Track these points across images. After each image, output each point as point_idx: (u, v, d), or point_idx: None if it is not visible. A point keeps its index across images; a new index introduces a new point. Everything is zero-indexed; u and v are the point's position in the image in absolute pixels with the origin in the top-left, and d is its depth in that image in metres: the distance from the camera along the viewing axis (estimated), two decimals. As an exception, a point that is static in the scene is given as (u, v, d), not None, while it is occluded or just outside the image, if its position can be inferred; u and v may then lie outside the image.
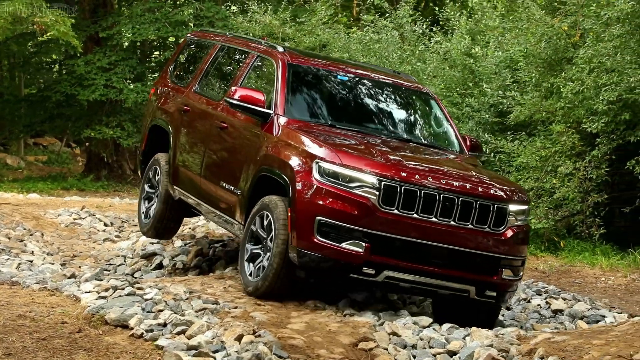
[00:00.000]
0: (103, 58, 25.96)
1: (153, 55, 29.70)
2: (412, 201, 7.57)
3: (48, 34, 23.10)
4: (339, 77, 9.17)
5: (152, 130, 10.61)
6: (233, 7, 18.78)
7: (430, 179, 7.66)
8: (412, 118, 9.45)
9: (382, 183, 7.51)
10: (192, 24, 26.39)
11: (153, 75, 27.18)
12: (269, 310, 7.86)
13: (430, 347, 7.44)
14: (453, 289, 7.86)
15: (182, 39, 11.48)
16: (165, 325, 7.21)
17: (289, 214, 7.65)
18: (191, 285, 8.55)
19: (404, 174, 7.59)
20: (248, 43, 9.89)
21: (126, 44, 28.01)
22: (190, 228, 12.30)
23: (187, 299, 7.91)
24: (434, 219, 7.65)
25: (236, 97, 8.43)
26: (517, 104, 12.66)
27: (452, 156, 8.85)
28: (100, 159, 27.64)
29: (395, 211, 7.56)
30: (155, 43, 30.48)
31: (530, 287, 9.97)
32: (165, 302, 7.66)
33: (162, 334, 7.03)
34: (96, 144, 26.85)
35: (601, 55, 11.61)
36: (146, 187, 10.47)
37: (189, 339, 6.96)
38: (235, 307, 7.82)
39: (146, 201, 10.43)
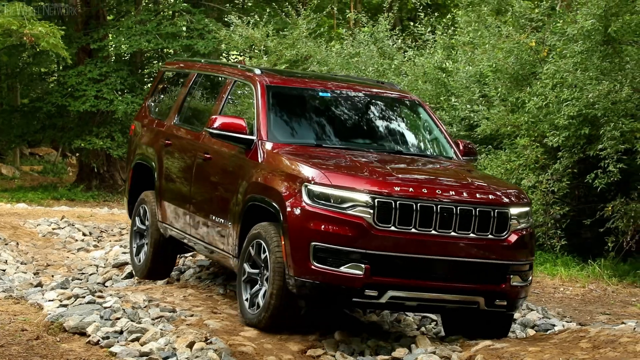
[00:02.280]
0: (94, 69, 26.33)
1: (147, 67, 30.01)
2: (408, 216, 7.29)
3: (39, 47, 23.47)
4: (320, 94, 8.94)
5: (136, 168, 10.43)
6: (231, 16, 18.97)
7: (426, 191, 7.38)
8: (400, 128, 9.18)
9: (376, 200, 7.24)
10: (184, 35, 26.76)
11: (144, 87, 27.51)
12: (224, 319, 8.16)
13: (376, 354, 7.76)
14: (461, 302, 7.57)
15: (158, 71, 11.27)
16: (121, 332, 7.52)
17: (282, 242, 7.41)
18: (152, 294, 8.86)
19: (397, 189, 7.32)
20: (224, 69, 9.72)
21: (114, 56, 28.36)
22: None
23: (145, 307, 8.22)
24: (433, 232, 7.35)
25: (216, 125, 8.21)
26: (484, 118, 12.98)
27: (446, 164, 8.61)
28: (92, 169, 27.99)
29: (392, 228, 7.27)
30: (149, 54, 30.87)
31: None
32: (124, 310, 7.97)
33: (118, 341, 7.33)
34: (87, 154, 27.18)
35: (563, 71, 11.91)
36: (137, 223, 10.25)
37: (142, 345, 7.26)
38: (192, 315, 8.12)
39: (137, 238, 10.27)
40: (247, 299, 7.87)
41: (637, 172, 11.64)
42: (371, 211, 7.22)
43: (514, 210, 7.65)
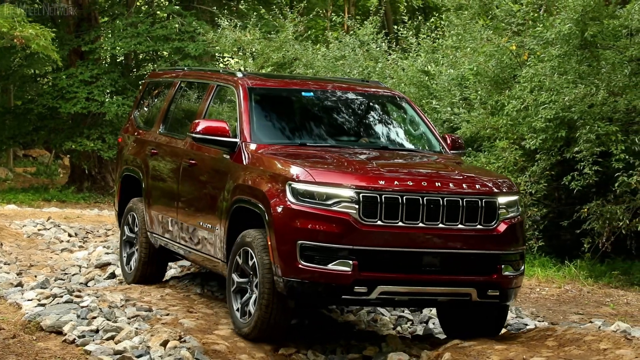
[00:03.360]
0: (85, 71, 26.48)
1: (139, 70, 30.15)
2: (394, 209, 7.21)
3: (30, 49, 23.62)
4: (303, 93, 8.92)
5: (124, 180, 10.47)
6: (221, 21, 19.11)
7: (411, 183, 7.31)
8: (385, 124, 9.17)
9: (361, 195, 7.16)
10: (175, 37, 26.88)
11: (135, 90, 27.65)
12: (200, 318, 8.31)
13: (347, 353, 7.92)
14: (453, 294, 7.49)
15: (142, 83, 11.23)
16: (97, 331, 7.67)
17: (269, 243, 7.35)
18: (130, 294, 9.01)
19: (382, 182, 7.24)
20: (206, 74, 9.74)
21: (108, 58, 28.50)
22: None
23: (122, 306, 8.37)
24: (420, 225, 7.27)
25: (199, 130, 8.18)
26: (465, 120, 13.14)
27: (433, 157, 8.56)
28: (83, 170, 28.12)
29: (379, 222, 7.19)
30: (141, 56, 31.03)
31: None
32: (100, 309, 8.13)
33: (93, 340, 7.49)
34: (78, 156, 27.31)
35: (540, 75, 12.08)
36: (126, 232, 10.28)
37: (116, 344, 7.41)
38: (167, 314, 8.27)
39: (127, 247, 10.26)
40: (238, 309, 7.83)
41: (613, 175, 11.77)
42: (356, 206, 7.15)
43: (502, 200, 7.58)
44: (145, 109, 10.84)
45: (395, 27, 17.47)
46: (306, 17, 19.80)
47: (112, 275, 10.89)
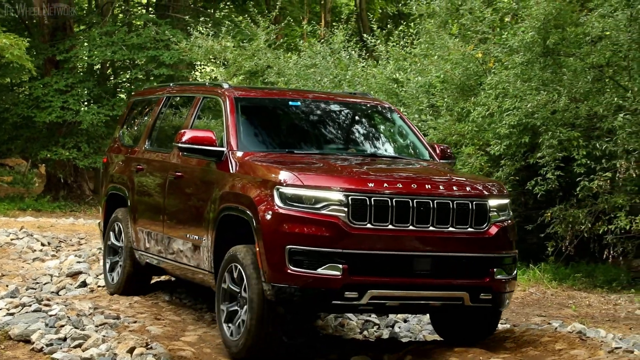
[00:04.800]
0: (60, 80, 26.55)
1: (115, 78, 30.23)
2: (384, 212, 7.10)
3: (4, 59, 23.70)
4: (290, 103, 8.85)
5: (110, 199, 10.40)
6: (193, 30, 19.26)
7: (401, 186, 7.20)
8: (373, 134, 9.15)
9: (350, 198, 7.04)
10: (149, 46, 26.98)
11: (111, 98, 27.74)
12: (167, 324, 8.47)
13: (312, 358, 8.09)
14: (445, 299, 7.34)
15: (129, 101, 11.22)
16: (65, 339, 7.78)
17: (257, 249, 7.21)
18: (99, 302, 9.16)
19: (371, 185, 7.13)
20: (192, 88, 9.77)
21: (85, 67, 28.57)
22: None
23: (90, 314, 8.51)
24: (411, 228, 7.16)
25: (185, 139, 8.09)
26: (432, 127, 13.36)
27: (422, 164, 8.54)
28: (59, 179, 28.17)
29: (369, 225, 7.06)
30: (117, 65, 31.11)
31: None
32: (69, 317, 8.25)
33: (61, 348, 7.60)
34: (53, 165, 27.38)
35: (504, 82, 12.32)
36: (111, 239, 10.22)
37: (83, 351, 7.53)
38: (135, 322, 8.42)
39: (111, 254, 10.24)
40: (227, 326, 7.69)
41: (575, 179, 12.02)
42: (345, 209, 7.03)
43: (492, 202, 7.50)
44: (131, 127, 10.84)
45: (365, 35, 17.67)
46: (278, 26, 19.96)
47: (84, 284, 11.00)
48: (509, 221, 7.67)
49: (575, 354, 7.36)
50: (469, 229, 7.36)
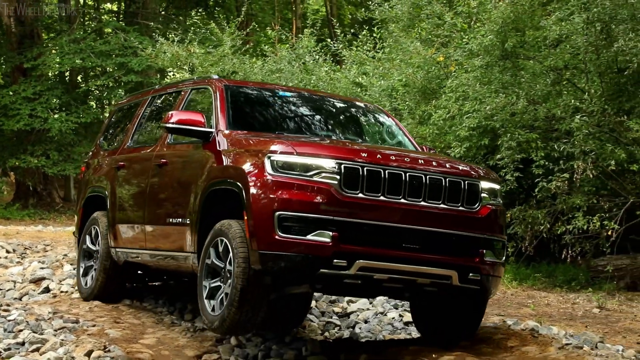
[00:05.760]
0: (28, 88, 26.52)
1: (84, 85, 30.18)
2: (376, 183, 6.98)
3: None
4: (279, 93, 8.88)
5: (87, 203, 10.26)
6: (159, 37, 19.30)
7: (394, 158, 7.12)
8: (362, 128, 9.13)
9: (342, 166, 6.92)
10: (116, 53, 26.99)
11: (79, 106, 27.70)
12: (126, 328, 8.51)
13: (269, 357, 8.17)
14: (433, 276, 7.18)
15: (110, 112, 11.13)
16: (23, 344, 7.83)
17: (245, 219, 7.02)
18: (59, 307, 9.18)
19: (364, 155, 7.04)
20: (178, 84, 9.65)
21: (57, 74, 28.51)
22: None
23: (49, 319, 8.54)
24: (402, 200, 7.05)
25: (173, 120, 7.96)
26: (394, 130, 13.48)
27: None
28: (28, 187, 28.12)
29: (360, 195, 6.93)
30: (88, 72, 31.08)
31: (389, 302, 10.69)
32: (27, 322, 8.29)
33: (19, 352, 7.64)
34: (22, 172, 27.34)
35: (464, 85, 12.48)
36: (86, 242, 10.07)
37: (41, 355, 7.57)
38: (94, 325, 8.46)
39: (85, 259, 10.09)
40: (209, 302, 7.49)
41: (534, 180, 12.19)
42: (337, 177, 6.90)
43: (484, 185, 7.45)
44: (112, 133, 10.79)
45: (328, 40, 17.81)
46: (244, 32, 20.05)
47: (47, 290, 11.00)
48: (500, 207, 7.64)
49: (526, 350, 7.49)
50: (461, 208, 7.28)
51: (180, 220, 8.17)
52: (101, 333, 8.18)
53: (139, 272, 9.91)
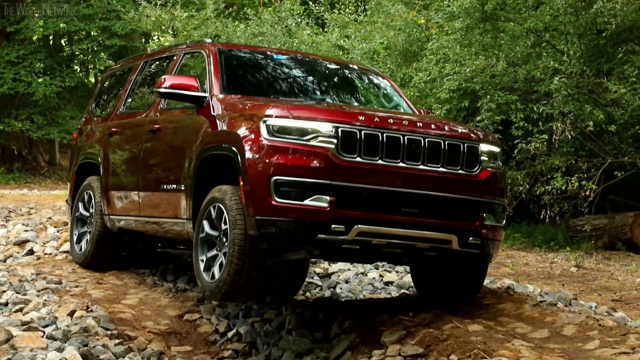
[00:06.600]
0: (12, 52, 26.41)
1: (73, 47, 30.03)
2: (374, 146, 6.85)
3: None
4: (275, 56, 8.75)
5: (80, 170, 10.17)
6: (144, 2, 19.19)
7: (392, 121, 6.96)
8: (361, 90, 9.02)
9: (339, 130, 6.78)
10: (100, 17, 26.86)
11: (63, 69, 27.60)
12: (108, 288, 8.63)
13: (249, 317, 8.31)
14: (433, 240, 7.04)
15: (102, 76, 11.03)
16: (6, 304, 7.95)
17: (241, 184, 6.92)
18: (42, 268, 9.29)
19: (362, 118, 6.89)
20: (171, 49, 9.52)
21: (41, 38, 28.37)
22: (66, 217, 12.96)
23: (32, 280, 8.65)
24: (401, 164, 6.91)
25: (166, 85, 7.84)
26: (375, 93, 13.56)
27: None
28: (13, 151, 28.10)
29: (358, 159, 6.80)
30: (72, 35, 30.94)
31: (369, 262, 10.85)
32: (11, 283, 8.40)
33: (2, 312, 7.75)
34: (7, 137, 27.30)
35: (444, 47, 12.55)
36: (80, 209, 9.94)
37: (24, 315, 7.69)
38: (77, 286, 8.58)
39: (79, 225, 9.96)
40: (204, 267, 7.35)
41: (513, 142, 12.31)
42: (335, 141, 6.77)
43: (484, 147, 7.32)
44: (104, 99, 10.72)
45: (312, 3, 17.80)
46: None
47: (30, 252, 11.09)
48: (500, 170, 7.52)
49: (502, 308, 7.64)
50: (460, 171, 7.15)
51: (174, 186, 8.10)
52: (84, 294, 8.30)
53: (134, 240, 9.69)
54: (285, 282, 9.22)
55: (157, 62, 9.61)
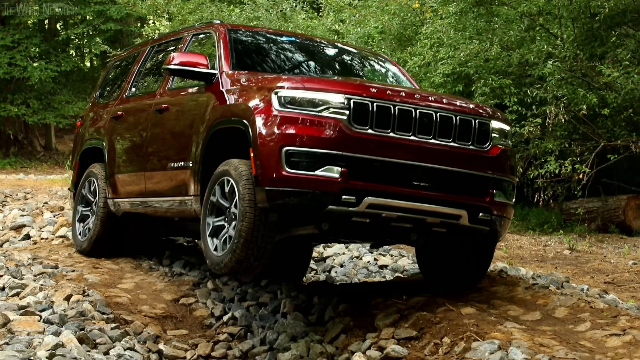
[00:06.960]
0: (7, 36, 26.38)
1: (69, 31, 29.99)
2: (386, 119, 6.82)
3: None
4: (284, 38, 8.77)
5: (83, 157, 10.14)
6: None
7: (404, 95, 6.96)
8: (370, 72, 9.06)
9: (351, 101, 6.75)
10: (95, 0, 26.80)
11: (59, 53, 27.59)
12: (104, 273, 8.69)
13: (245, 300, 8.39)
14: (443, 215, 7.01)
15: (107, 64, 11.01)
16: (3, 289, 8.00)
17: (252, 156, 6.85)
18: (38, 253, 9.34)
19: (374, 90, 6.88)
20: (179, 32, 9.52)
21: (36, 23, 28.30)
22: (62, 202, 13.01)
23: (28, 264, 8.71)
24: (412, 137, 6.88)
25: (175, 62, 7.84)
26: (370, 77, 13.60)
27: None
28: (9, 136, 28.11)
29: (370, 130, 6.76)
30: (68, 20, 30.90)
31: (364, 246, 10.92)
32: (7, 268, 8.45)
33: (-1, 297, 7.83)
34: (3, 121, 27.30)
35: (438, 31, 12.59)
36: (83, 193, 9.89)
37: (21, 299, 7.75)
38: (73, 271, 8.63)
39: (81, 223, 9.89)
40: (211, 240, 7.34)
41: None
42: (347, 112, 6.73)
43: (495, 124, 7.31)
44: (109, 86, 10.70)
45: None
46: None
47: (27, 237, 11.16)
48: (510, 149, 7.55)
49: (495, 290, 7.73)
50: (471, 147, 7.13)
51: (182, 164, 8.06)
52: (80, 278, 8.35)
53: (138, 227, 9.70)
54: (291, 265, 9.30)
55: (165, 45, 9.58)
